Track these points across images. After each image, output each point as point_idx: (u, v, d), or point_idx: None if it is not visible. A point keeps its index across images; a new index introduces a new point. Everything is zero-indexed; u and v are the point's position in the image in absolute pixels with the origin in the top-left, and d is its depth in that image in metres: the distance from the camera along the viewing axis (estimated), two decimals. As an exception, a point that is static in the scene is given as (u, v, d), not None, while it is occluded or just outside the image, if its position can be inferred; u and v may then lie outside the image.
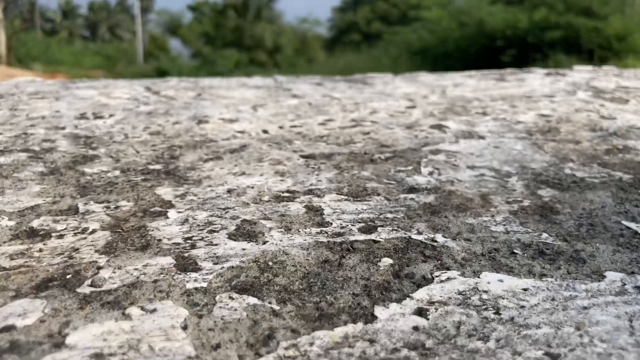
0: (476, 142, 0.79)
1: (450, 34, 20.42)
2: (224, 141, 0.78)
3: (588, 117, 0.96)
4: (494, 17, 18.13)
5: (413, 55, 21.38)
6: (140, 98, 1.03)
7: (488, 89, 1.23)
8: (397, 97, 1.13)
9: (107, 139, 0.78)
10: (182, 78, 1.31)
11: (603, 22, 16.77)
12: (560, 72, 1.43)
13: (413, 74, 1.45)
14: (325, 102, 1.07)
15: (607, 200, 0.59)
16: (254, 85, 1.26)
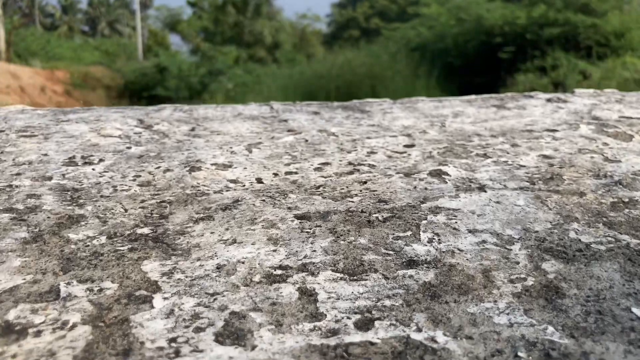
0: (477, 196, 0.76)
1: (449, 30, 20.41)
2: (215, 194, 0.76)
3: (592, 159, 0.93)
4: (492, 13, 18.10)
5: (411, 51, 21.37)
6: (132, 135, 1.00)
7: (488, 119, 1.20)
8: (395, 132, 1.10)
9: (95, 192, 0.75)
10: (176, 106, 1.28)
11: (601, 19, 16.74)
12: (562, 98, 1.41)
13: (412, 99, 1.42)
14: (322, 138, 1.04)
15: (614, 276, 0.57)
16: (249, 115, 1.23)
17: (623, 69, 14.94)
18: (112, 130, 1.04)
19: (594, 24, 17.02)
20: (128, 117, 1.17)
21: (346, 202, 0.74)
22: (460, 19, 19.68)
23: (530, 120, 1.20)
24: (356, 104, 1.38)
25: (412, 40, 22.48)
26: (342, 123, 1.17)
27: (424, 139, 1.04)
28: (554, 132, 1.10)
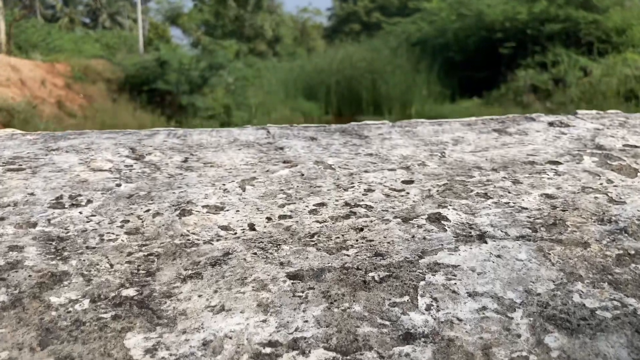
0: (477, 249, 0.73)
1: (450, 25, 20.36)
2: (205, 245, 0.73)
3: (595, 200, 0.90)
4: (493, 9, 18.05)
5: (412, 46, 21.29)
6: (123, 169, 0.97)
7: (489, 147, 1.17)
8: (394, 163, 1.07)
9: (81, 242, 0.72)
10: (170, 130, 1.25)
11: (603, 15, 16.65)
12: (564, 122, 1.38)
13: (412, 122, 1.39)
14: (318, 172, 1.01)
15: (621, 354, 0.54)
16: (245, 141, 1.20)
17: (624, 65, 14.88)
18: (103, 162, 1.01)
19: (595, 20, 16.96)
20: (120, 144, 1.14)
21: (342, 255, 0.71)
22: (461, 14, 19.62)
23: (532, 148, 1.17)
24: (354, 127, 1.35)
25: (413, 35, 22.41)
26: (339, 152, 1.14)
27: (422, 173, 1.01)
28: (556, 164, 1.07)
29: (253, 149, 1.15)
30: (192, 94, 11.91)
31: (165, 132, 1.26)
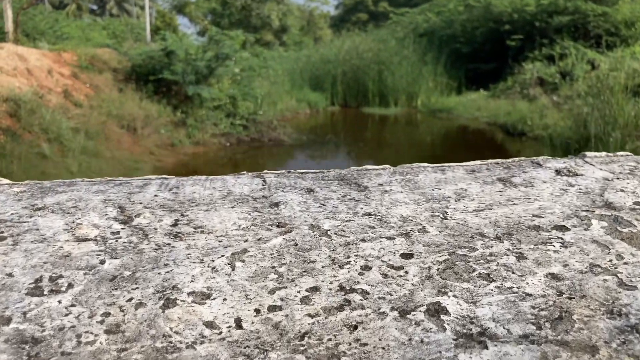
0: (477, 357, 0.69)
1: (457, 17, 20.18)
2: (188, 350, 0.69)
3: (604, 283, 0.86)
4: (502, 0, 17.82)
5: (419, 37, 21.12)
6: (109, 237, 0.94)
7: (493, 205, 1.13)
8: (393, 226, 1.03)
9: (56, 345, 0.68)
10: (163, 180, 1.21)
11: (612, 8, 16.43)
12: (572, 170, 1.32)
13: (414, 167, 1.35)
14: (313, 241, 0.97)
15: None
16: (239, 195, 1.16)
17: (632, 59, 14.69)
18: (89, 229, 0.97)
19: (604, 12, 16.75)
20: (109, 201, 1.10)
21: (332, 367, 0.67)
22: (469, 6, 19.41)
23: (538, 207, 1.12)
24: (354, 174, 1.31)
25: (420, 25, 22.22)
26: (336, 210, 1.09)
27: (423, 244, 0.97)
28: (563, 231, 1.02)
29: (247, 205, 1.11)
30: (198, 84, 11.86)
31: (157, 182, 1.22)
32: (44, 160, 6.55)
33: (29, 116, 7.47)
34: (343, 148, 11.78)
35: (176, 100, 11.89)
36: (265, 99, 14.55)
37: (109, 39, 27.64)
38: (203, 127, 11.36)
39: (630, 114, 9.29)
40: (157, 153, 9.54)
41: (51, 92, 9.50)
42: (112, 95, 10.55)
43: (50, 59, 10.90)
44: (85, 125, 8.49)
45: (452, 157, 7.13)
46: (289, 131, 12.95)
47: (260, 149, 11.09)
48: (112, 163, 7.88)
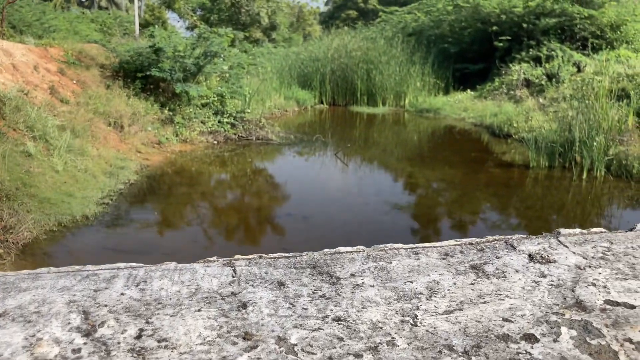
0: None
1: (446, 17, 20.31)
2: None
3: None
4: (490, 1, 17.99)
5: (408, 36, 21.25)
6: (69, 356, 0.96)
7: (464, 305, 1.16)
8: (362, 336, 1.04)
9: None
10: (130, 271, 1.24)
11: (598, 11, 16.67)
12: (545, 257, 1.36)
13: (388, 250, 1.37)
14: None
15: None
16: (207, 293, 1.18)
17: (617, 62, 14.91)
18: (49, 347, 0.97)
19: (591, 15, 16.97)
20: (73, 303, 1.11)
21: None
22: (458, 6, 19.56)
23: (509, 307, 1.15)
24: (327, 260, 1.34)
25: (409, 25, 22.33)
26: (305, 314, 1.12)
27: None
28: (532, 341, 1.04)
29: (214, 307, 1.13)
30: (186, 82, 11.89)
31: (125, 274, 1.23)
32: (29, 159, 6.59)
33: (13, 114, 7.49)
34: (330, 147, 11.89)
35: (164, 97, 11.92)
36: (253, 96, 14.61)
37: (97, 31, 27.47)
38: (190, 124, 11.41)
39: (614, 119, 9.49)
40: (144, 151, 9.58)
41: (37, 89, 9.49)
42: (99, 92, 10.56)
43: (37, 54, 10.87)
44: (71, 122, 8.51)
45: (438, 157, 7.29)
46: (277, 129, 13.03)
47: (247, 147, 11.16)
48: (97, 161, 7.92)
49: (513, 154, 10.94)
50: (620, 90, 11.78)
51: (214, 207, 7.53)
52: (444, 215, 7.15)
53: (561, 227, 5.66)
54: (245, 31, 24.88)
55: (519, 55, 17.62)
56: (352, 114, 18.37)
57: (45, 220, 5.76)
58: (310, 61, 21.07)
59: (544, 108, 13.54)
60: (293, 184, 8.82)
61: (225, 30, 13.90)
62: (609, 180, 8.50)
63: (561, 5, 17.05)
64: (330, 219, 6.48)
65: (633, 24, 16.72)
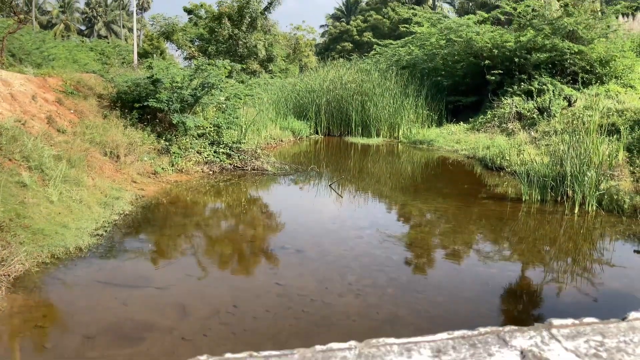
0: None
1: (439, 51, 20.71)
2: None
3: None
4: (482, 36, 18.41)
5: (402, 69, 21.62)
6: None
7: None
8: None
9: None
10: None
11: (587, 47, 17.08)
12: (536, 354, 1.35)
13: (380, 347, 1.35)
14: None
15: None
16: None
17: (607, 97, 15.20)
18: None
19: (581, 50, 17.36)
20: None
21: None
22: (451, 40, 19.96)
23: None
24: (318, 358, 1.31)
25: (403, 58, 22.73)
26: None
27: None
28: None
29: None
30: (183, 113, 12.03)
31: None
32: (24, 189, 6.62)
33: (10, 144, 7.55)
34: (325, 177, 11.97)
35: (161, 127, 12.03)
36: (249, 127, 14.76)
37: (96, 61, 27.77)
38: (186, 155, 11.50)
39: (605, 154, 9.64)
40: (140, 181, 9.63)
41: (34, 118, 9.58)
42: (96, 122, 10.65)
43: (35, 83, 11.00)
44: (67, 152, 8.57)
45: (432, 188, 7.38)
46: (272, 160, 13.13)
47: (243, 178, 11.23)
48: (93, 191, 7.95)
49: (506, 186, 11.04)
50: (610, 125, 11.99)
51: (208, 238, 7.54)
52: (438, 248, 7.19)
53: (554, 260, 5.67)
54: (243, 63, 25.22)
55: (510, 88, 17.92)
56: (346, 145, 18.53)
57: (38, 252, 5.76)
58: (306, 92, 21.35)
59: (536, 141, 13.72)
60: (287, 215, 8.86)
61: (222, 62, 14.10)
62: (601, 215, 8.59)
63: (552, 41, 17.42)
64: (324, 252, 6.50)
65: (622, 59, 17.09)
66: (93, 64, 25.01)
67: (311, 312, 4.76)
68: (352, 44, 52.02)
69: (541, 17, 18.99)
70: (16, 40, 18.85)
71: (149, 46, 37.96)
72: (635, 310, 1.60)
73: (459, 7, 50.96)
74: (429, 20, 23.01)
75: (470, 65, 19.78)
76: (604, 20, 18.21)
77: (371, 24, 50.12)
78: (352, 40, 51.96)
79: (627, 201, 8.63)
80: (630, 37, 19.13)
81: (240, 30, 25.54)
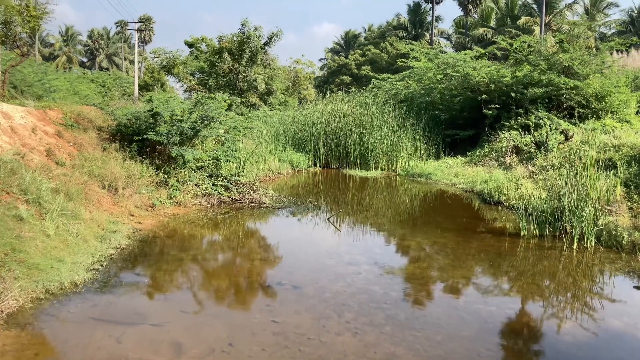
0: None
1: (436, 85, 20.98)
2: None
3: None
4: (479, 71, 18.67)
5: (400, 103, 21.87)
6: None
7: None
8: None
9: None
10: None
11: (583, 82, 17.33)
12: None
13: None
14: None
15: None
16: None
17: (603, 131, 15.33)
18: None
19: (576, 85, 17.60)
20: None
21: None
22: (448, 75, 20.24)
23: None
24: None
25: (401, 92, 23.00)
26: None
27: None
28: None
29: None
30: (182, 146, 12.10)
31: None
32: (20, 223, 6.60)
33: (8, 177, 7.56)
34: (323, 210, 11.97)
35: (159, 160, 12.09)
36: (248, 159, 14.82)
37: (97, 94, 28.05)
38: (185, 187, 11.52)
39: (602, 189, 9.66)
40: (137, 214, 9.62)
41: (34, 151, 9.63)
42: (95, 155, 10.70)
43: (36, 116, 11.09)
44: (66, 185, 8.58)
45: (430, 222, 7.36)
46: (270, 192, 13.14)
47: (240, 211, 11.23)
48: (90, 225, 7.94)
49: (504, 221, 11.03)
50: (607, 160, 12.06)
51: (205, 272, 7.49)
52: (436, 284, 7.14)
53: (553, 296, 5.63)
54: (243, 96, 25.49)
55: (508, 122, 18.09)
56: (345, 177, 18.58)
57: (32, 287, 5.71)
58: (304, 125, 21.52)
59: (534, 176, 13.77)
60: (285, 249, 8.82)
61: (222, 96, 14.25)
62: (600, 251, 8.56)
63: (548, 76, 17.66)
64: (321, 288, 6.45)
65: (617, 95, 17.30)
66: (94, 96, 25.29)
67: (308, 351, 4.70)
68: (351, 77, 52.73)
69: (537, 52, 19.31)
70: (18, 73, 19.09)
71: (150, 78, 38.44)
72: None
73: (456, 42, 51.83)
74: (426, 55, 23.37)
75: (468, 99, 20.01)
76: (598, 56, 18.51)
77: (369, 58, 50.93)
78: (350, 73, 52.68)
79: (626, 237, 8.61)
80: (625, 73, 19.43)
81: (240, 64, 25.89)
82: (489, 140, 18.19)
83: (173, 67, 27.57)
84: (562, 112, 17.88)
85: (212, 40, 28.59)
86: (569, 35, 19.66)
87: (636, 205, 9.82)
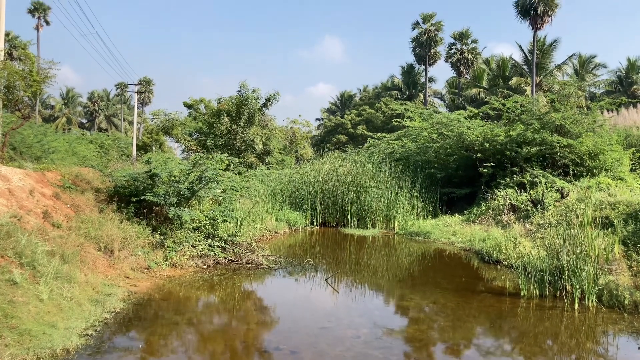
0: None
1: (431, 144, 21.25)
2: None
3: None
4: (473, 130, 18.96)
5: (395, 161, 22.07)
6: None
7: None
8: None
9: None
10: None
11: (576, 141, 17.58)
12: None
13: None
14: None
15: None
16: None
17: (598, 189, 15.43)
18: None
19: (570, 144, 17.84)
20: None
21: None
22: (443, 134, 20.56)
23: None
24: None
25: (396, 150, 23.28)
26: None
27: None
28: None
29: None
30: (179, 206, 12.09)
31: None
32: (14, 287, 6.51)
33: (3, 240, 7.51)
34: (321, 271, 11.85)
35: (156, 221, 12.05)
36: (245, 218, 14.78)
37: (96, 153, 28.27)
38: (181, 249, 11.43)
39: (600, 247, 9.62)
40: (132, 276, 9.50)
41: (30, 213, 9.61)
42: (92, 216, 10.67)
43: (34, 178, 11.14)
44: (61, 248, 8.51)
45: (429, 282, 7.27)
46: (267, 253, 13.04)
47: (237, 272, 11.10)
48: (85, 288, 7.82)
49: (503, 280, 10.92)
50: (604, 218, 12.07)
51: (200, 336, 7.32)
52: (437, 346, 6.98)
53: (557, 359, 5.48)
54: (240, 156, 25.76)
55: (503, 180, 18.23)
56: (342, 236, 18.49)
57: (23, 354, 5.56)
58: (301, 183, 21.62)
59: (531, 234, 13.75)
60: (282, 312, 8.66)
61: (220, 157, 14.39)
62: (601, 311, 8.43)
63: (541, 135, 17.96)
64: (320, 353, 6.30)
65: (610, 153, 17.54)
66: (92, 156, 25.50)
67: (306, 421, 4.53)
68: (347, 136, 53.55)
69: (529, 112, 19.72)
70: (18, 135, 19.30)
71: (149, 139, 38.88)
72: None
73: (449, 102, 52.99)
74: (420, 115, 23.83)
75: (463, 158, 20.24)
76: (590, 115, 18.90)
77: (365, 117, 51.90)
78: (346, 132, 53.54)
79: (628, 297, 8.52)
80: (616, 131, 19.78)
81: (238, 125, 26.33)
82: (486, 198, 18.27)
83: (172, 129, 27.99)
84: (557, 170, 18.07)
85: (211, 101, 29.17)
86: (560, 95, 20.15)
87: (636, 264, 9.76)
